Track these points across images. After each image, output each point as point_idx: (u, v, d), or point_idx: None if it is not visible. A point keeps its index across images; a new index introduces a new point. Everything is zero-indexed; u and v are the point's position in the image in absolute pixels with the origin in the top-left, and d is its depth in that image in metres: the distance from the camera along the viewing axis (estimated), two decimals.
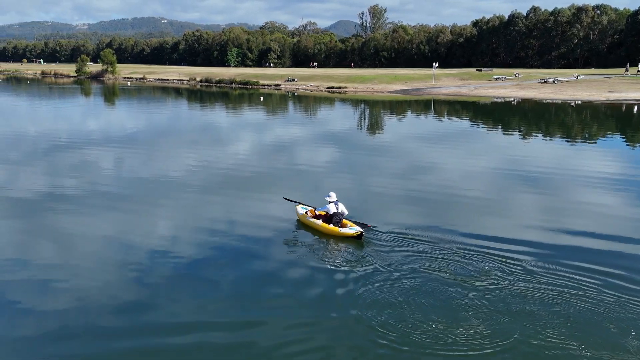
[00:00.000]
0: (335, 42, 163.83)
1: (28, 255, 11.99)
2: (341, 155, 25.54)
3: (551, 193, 17.90)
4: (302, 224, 13.89)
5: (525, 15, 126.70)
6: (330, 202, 13.42)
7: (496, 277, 10.63)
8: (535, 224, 14.36)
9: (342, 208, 13.47)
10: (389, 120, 42.86)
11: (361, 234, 12.51)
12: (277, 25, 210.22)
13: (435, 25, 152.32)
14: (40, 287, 10.40)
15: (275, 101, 63.80)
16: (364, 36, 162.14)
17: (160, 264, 11.47)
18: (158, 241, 12.86)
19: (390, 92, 71.03)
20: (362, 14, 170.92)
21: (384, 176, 20.34)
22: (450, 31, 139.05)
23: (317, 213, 13.76)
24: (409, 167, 22.18)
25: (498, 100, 60.00)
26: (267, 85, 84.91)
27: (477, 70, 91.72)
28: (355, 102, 60.44)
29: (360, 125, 39.54)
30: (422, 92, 68.88)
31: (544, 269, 11.09)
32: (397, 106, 56.00)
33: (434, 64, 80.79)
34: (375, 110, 52.96)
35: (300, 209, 14.24)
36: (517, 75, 77.55)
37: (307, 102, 61.83)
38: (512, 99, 59.81)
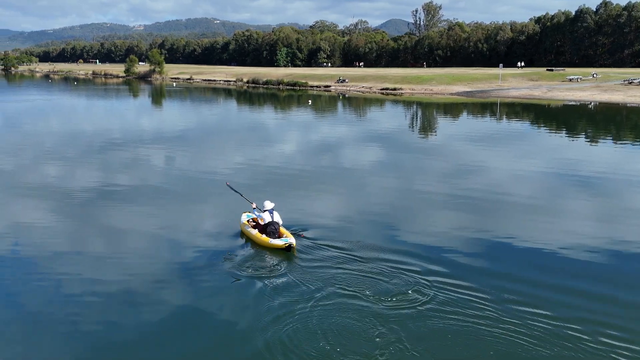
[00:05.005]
0: (387, 40, 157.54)
1: (78, 247, 12.71)
2: (397, 171, 20.79)
3: None
4: (242, 233, 13.35)
5: (594, 10, 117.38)
6: (264, 211, 12.90)
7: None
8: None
9: (277, 217, 12.91)
10: (465, 133, 37.35)
11: (290, 245, 11.99)
12: (327, 24, 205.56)
13: (492, 23, 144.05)
14: (88, 276, 10.94)
15: (325, 104, 59.00)
16: (418, 34, 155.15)
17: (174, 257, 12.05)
18: (184, 234, 13.44)
19: (451, 94, 64.67)
20: (416, 11, 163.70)
21: (432, 188, 18.76)
22: (511, 28, 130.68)
23: (259, 222, 13.08)
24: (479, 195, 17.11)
25: (572, 103, 53.20)
26: (316, 86, 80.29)
27: (547, 70, 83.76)
28: (414, 105, 54.99)
29: (425, 135, 34.31)
30: (489, 95, 62.45)
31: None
32: (462, 110, 50.18)
33: (500, 64, 74.10)
34: (432, 114, 47.36)
35: (244, 217, 13.79)
36: (594, 75, 69.87)
37: (359, 105, 56.78)
38: (589, 102, 52.87)
